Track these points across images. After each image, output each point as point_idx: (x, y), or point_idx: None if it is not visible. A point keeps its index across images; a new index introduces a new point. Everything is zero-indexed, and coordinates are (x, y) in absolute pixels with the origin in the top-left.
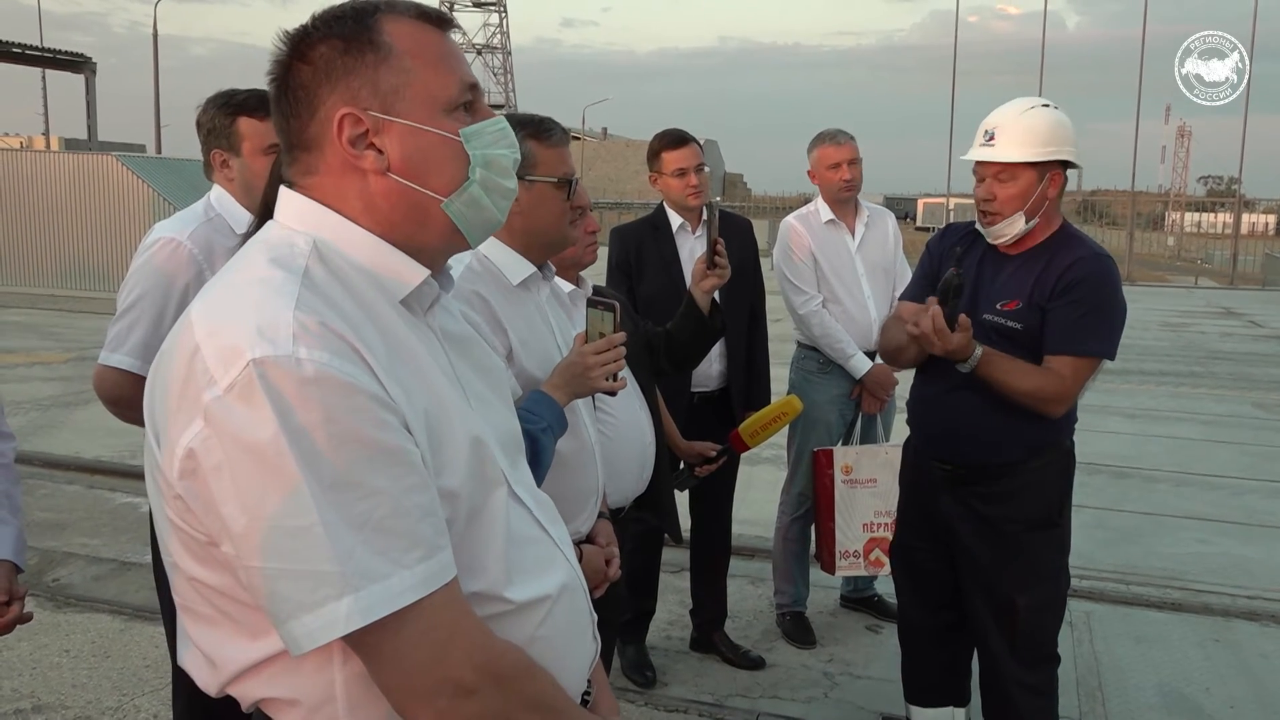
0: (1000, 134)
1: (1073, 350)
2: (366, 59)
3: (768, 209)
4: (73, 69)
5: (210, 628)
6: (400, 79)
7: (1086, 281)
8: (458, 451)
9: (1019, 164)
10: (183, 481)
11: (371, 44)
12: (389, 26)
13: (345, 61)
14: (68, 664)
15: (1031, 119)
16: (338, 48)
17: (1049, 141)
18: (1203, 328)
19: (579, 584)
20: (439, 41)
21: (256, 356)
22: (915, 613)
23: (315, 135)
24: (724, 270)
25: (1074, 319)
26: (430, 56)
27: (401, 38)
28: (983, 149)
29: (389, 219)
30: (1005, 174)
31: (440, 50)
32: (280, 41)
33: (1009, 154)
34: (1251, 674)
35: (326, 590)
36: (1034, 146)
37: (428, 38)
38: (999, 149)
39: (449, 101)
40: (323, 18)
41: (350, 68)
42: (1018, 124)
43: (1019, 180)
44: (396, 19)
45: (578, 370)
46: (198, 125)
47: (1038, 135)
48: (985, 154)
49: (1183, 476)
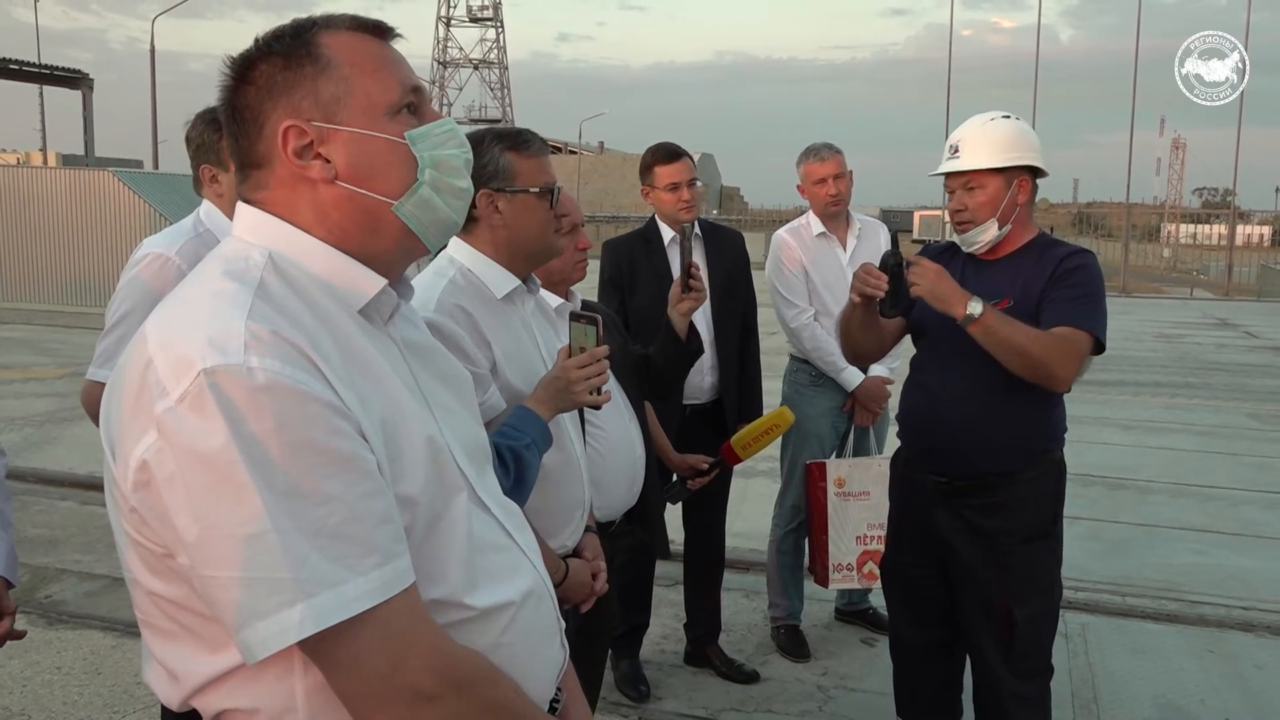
0: (964, 146)
1: (1075, 323)
2: (306, 71)
3: (764, 222)
4: (70, 85)
5: (171, 642)
6: (340, 87)
7: (1084, 270)
8: (416, 458)
9: (985, 172)
10: (137, 494)
11: (310, 57)
12: (326, 39)
13: (286, 77)
14: (59, 681)
15: (993, 129)
16: (278, 65)
17: (1011, 148)
18: (1198, 339)
19: (546, 591)
20: (377, 49)
21: (207, 366)
22: (907, 629)
23: (264, 152)
24: (700, 293)
25: (1074, 298)
26: (369, 64)
27: (339, 48)
28: (949, 162)
29: (342, 227)
30: (973, 183)
31: (379, 57)
32: (225, 67)
33: (973, 162)
34: (1247, 685)
35: (280, 597)
36: (997, 154)
37: (365, 46)
38: (963, 160)
39: (391, 105)
40: (264, 39)
41: (291, 82)
42: (980, 135)
43: (987, 188)
44: (334, 32)
45: (561, 385)
46: (187, 141)
47: (1000, 144)
48: (951, 166)
49: (1178, 488)
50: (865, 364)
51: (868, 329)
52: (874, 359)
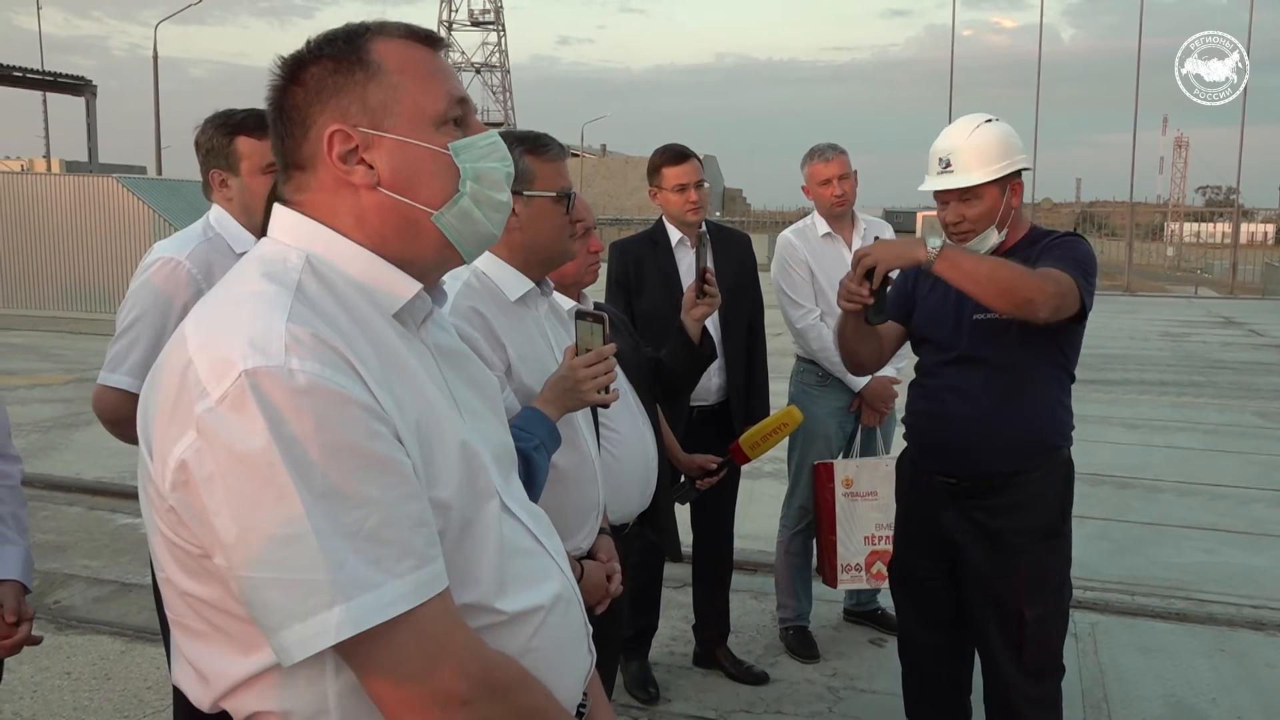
0: (956, 159)
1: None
2: (356, 77)
3: (767, 223)
4: (73, 92)
5: (202, 642)
6: (389, 95)
7: (1071, 244)
8: (450, 463)
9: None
10: (175, 493)
11: (361, 63)
12: (378, 46)
13: (335, 81)
14: (69, 686)
15: (982, 138)
16: (328, 68)
17: (1003, 156)
18: (1203, 337)
19: (574, 596)
20: (428, 58)
21: (249, 367)
22: (916, 631)
23: (308, 154)
24: (714, 299)
25: (1059, 258)
26: (418, 73)
27: (390, 56)
28: (943, 177)
29: (381, 233)
30: (970, 195)
31: (429, 67)
32: (276, 67)
33: (972, 178)
34: (1258, 684)
35: (317, 599)
36: (992, 164)
37: (416, 55)
38: (959, 174)
39: (438, 116)
40: (316, 41)
41: (340, 86)
42: (970, 145)
43: (985, 199)
44: (386, 39)
45: (568, 384)
46: (196, 145)
47: (991, 153)
48: (949, 181)
49: (1186, 486)
50: (866, 373)
51: (864, 337)
52: (873, 369)
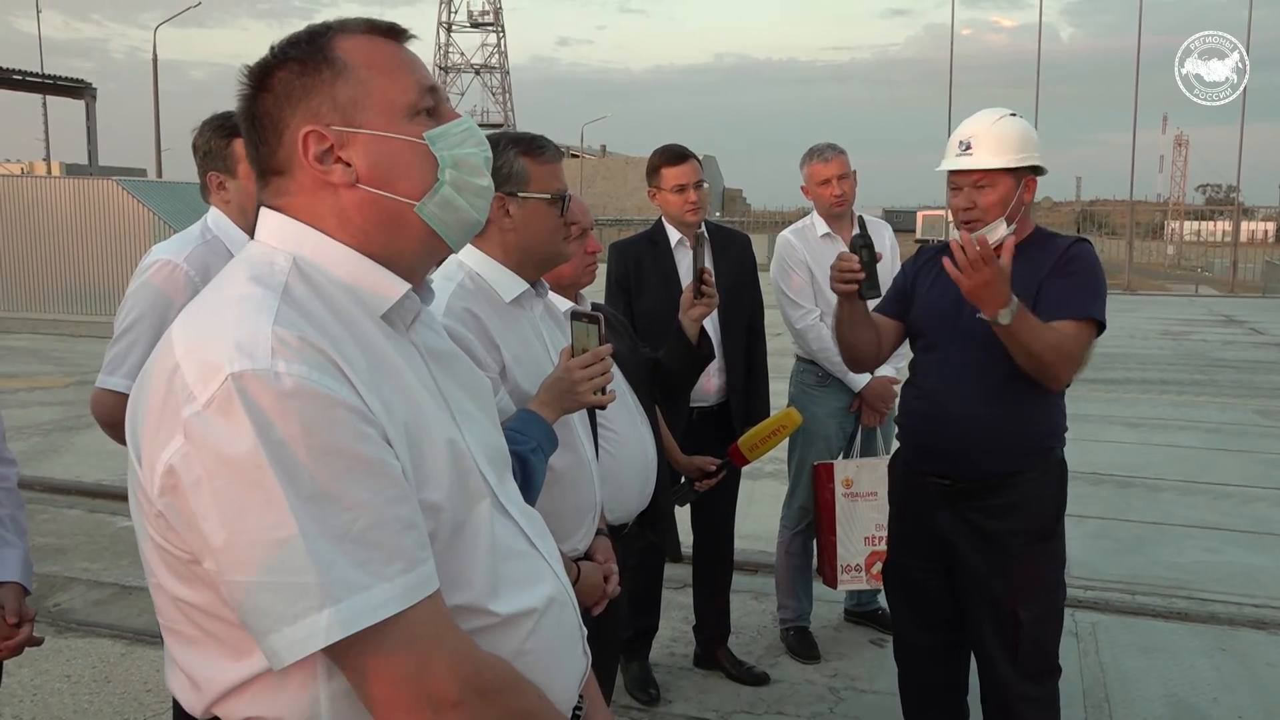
0: (976, 143)
1: (1075, 314)
2: (323, 76)
3: (767, 223)
4: (73, 94)
5: (194, 648)
6: (357, 90)
7: (1082, 258)
8: (440, 465)
9: (998, 171)
10: (163, 498)
11: (326, 61)
12: (342, 43)
13: (303, 82)
14: (69, 689)
15: (1004, 128)
16: (295, 70)
17: (1023, 148)
18: (1204, 336)
19: (568, 598)
20: (393, 51)
21: (235, 371)
22: (912, 632)
23: (284, 158)
24: (711, 299)
25: (1073, 288)
26: (385, 65)
27: (355, 51)
28: (962, 158)
29: (365, 230)
30: (985, 181)
31: (395, 59)
32: (243, 76)
33: (989, 161)
34: (1259, 683)
35: (307, 602)
36: (1011, 153)
37: (381, 48)
38: (978, 157)
39: (409, 106)
40: (280, 45)
41: (309, 88)
42: (992, 133)
43: (998, 187)
44: (349, 35)
45: (565, 386)
46: (194, 148)
47: (1012, 143)
48: (966, 162)
49: (1187, 485)
50: (864, 369)
51: (860, 325)
52: (872, 364)
